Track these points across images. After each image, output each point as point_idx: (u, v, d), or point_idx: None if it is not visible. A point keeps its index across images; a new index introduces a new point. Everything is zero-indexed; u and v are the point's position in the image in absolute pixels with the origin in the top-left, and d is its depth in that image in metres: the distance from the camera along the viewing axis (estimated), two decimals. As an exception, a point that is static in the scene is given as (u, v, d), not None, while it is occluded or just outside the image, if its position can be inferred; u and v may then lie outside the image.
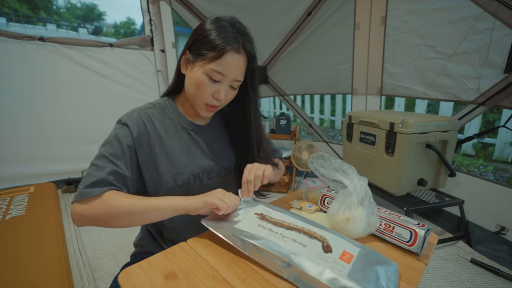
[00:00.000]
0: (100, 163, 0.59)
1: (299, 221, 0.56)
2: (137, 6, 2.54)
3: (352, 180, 0.62)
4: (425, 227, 0.54)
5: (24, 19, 3.68)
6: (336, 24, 2.27)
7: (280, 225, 0.55)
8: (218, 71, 0.62)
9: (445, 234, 1.69)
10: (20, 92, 2.15)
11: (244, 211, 0.62)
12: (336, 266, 0.44)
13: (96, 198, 0.56)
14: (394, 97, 3.15)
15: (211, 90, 0.64)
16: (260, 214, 0.60)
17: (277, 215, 0.59)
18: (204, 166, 0.73)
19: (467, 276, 1.33)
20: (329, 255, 0.46)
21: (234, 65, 0.63)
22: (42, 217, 1.59)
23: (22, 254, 1.20)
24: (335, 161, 0.65)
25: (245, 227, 0.56)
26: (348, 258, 0.46)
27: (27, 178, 2.22)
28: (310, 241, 0.50)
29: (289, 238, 0.51)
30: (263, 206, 0.64)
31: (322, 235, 0.51)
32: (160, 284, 0.47)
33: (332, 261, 0.45)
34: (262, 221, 0.57)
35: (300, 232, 0.53)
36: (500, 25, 1.45)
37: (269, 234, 0.53)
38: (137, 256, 0.78)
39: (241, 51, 0.63)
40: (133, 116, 0.66)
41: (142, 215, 0.58)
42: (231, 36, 0.62)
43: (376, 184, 1.66)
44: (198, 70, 0.63)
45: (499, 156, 2.91)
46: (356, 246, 0.49)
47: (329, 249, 0.47)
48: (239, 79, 0.66)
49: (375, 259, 0.47)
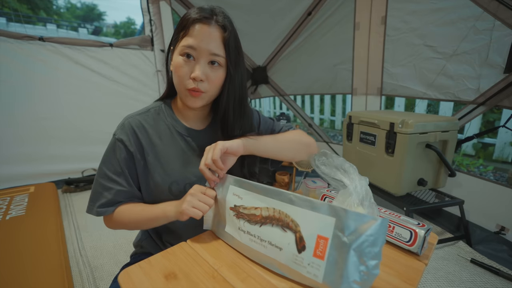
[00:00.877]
0: (105, 182, 0.65)
1: (269, 200, 0.52)
2: (137, 6, 2.54)
3: (352, 180, 0.62)
4: (425, 227, 0.54)
5: (24, 19, 3.68)
6: (336, 24, 2.27)
7: (254, 219, 0.53)
8: (188, 44, 0.58)
9: (445, 234, 1.69)
10: (20, 92, 2.15)
11: (222, 201, 0.59)
12: (311, 270, 0.44)
13: (110, 216, 0.66)
14: (394, 97, 3.15)
15: (187, 70, 0.60)
16: (234, 209, 0.57)
17: (249, 201, 0.55)
18: (200, 174, 0.68)
19: (467, 276, 1.33)
20: (304, 255, 0.45)
21: (205, 35, 0.58)
22: (42, 217, 1.59)
23: (22, 254, 1.20)
24: (337, 158, 0.64)
25: (231, 230, 0.57)
26: (322, 249, 0.43)
27: (27, 178, 2.22)
28: (284, 238, 0.48)
29: (266, 241, 0.51)
30: (233, 189, 0.58)
31: (294, 218, 0.47)
32: (160, 284, 0.47)
33: (307, 263, 0.44)
34: (239, 220, 0.55)
35: (273, 223, 0.50)
36: (500, 25, 1.45)
37: (250, 240, 0.53)
38: (137, 256, 0.78)
39: (212, 23, 0.59)
40: (126, 128, 0.65)
41: (147, 223, 0.65)
42: (201, 10, 0.59)
43: (376, 184, 1.66)
44: (175, 56, 0.62)
45: (499, 156, 2.91)
46: (329, 224, 0.43)
47: (303, 244, 0.45)
48: (215, 52, 0.59)
49: (351, 232, 0.41)
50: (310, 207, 0.45)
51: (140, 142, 0.65)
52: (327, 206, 0.43)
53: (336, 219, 0.42)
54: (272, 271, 0.50)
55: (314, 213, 0.44)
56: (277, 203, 0.50)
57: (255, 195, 0.54)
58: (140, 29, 5.10)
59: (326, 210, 0.43)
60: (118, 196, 0.65)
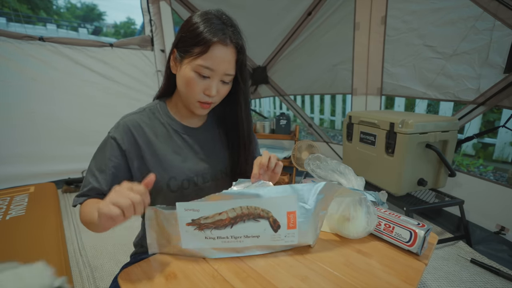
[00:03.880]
0: (88, 176, 0.65)
1: (231, 202, 0.52)
2: (137, 6, 2.54)
3: (349, 180, 0.62)
4: (425, 227, 0.54)
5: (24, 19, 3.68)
6: (336, 24, 2.27)
7: (222, 223, 0.52)
8: (206, 66, 0.59)
9: (445, 234, 1.69)
10: (20, 92, 2.15)
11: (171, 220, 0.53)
12: (288, 239, 0.54)
13: (80, 209, 0.64)
14: (394, 97, 3.15)
15: (201, 87, 0.62)
16: (193, 223, 0.53)
17: (207, 210, 0.52)
18: (198, 170, 0.71)
19: (467, 276, 1.33)
20: (280, 232, 0.53)
21: (222, 58, 0.60)
22: (42, 217, 1.59)
23: (22, 254, 1.20)
24: (331, 162, 0.65)
25: (194, 244, 0.53)
26: (293, 221, 0.53)
27: (27, 178, 2.22)
28: (259, 226, 0.53)
29: (241, 236, 0.53)
30: (183, 205, 0.52)
31: (264, 207, 0.52)
32: (160, 284, 0.47)
33: (284, 236, 0.53)
34: (204, 231, 0.53)
35: (244, 219, 0.52)
36: (500, 25, 1.45)
37: (223, 242, 0.53)
38: (137, 256, 0.78)
39: (228, 43, 0.60)
40: (120, 128, 0.65)
41: (96, 227, 0.59)
42: (217, 28, 0.59)
43: (376, 184, 1.66)
44: (186, 68, 0.61)
45: (499, 156, 2.91)
46: (293, 201, 0.52)
47: (277, 224, 0.53)
48: (229, 73, 0.63)
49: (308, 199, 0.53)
50: (275, 193, 0.52)
51: (136, 140, 0.66)
52: (288, 187, 0.53)
53: (297, 195, 0.52)
54: (270, 271, 0.50)
55: (280, 197, 0.52)
56: (242, 201, 0.52)
57: (212, 203, 0.52)
58: (140, 29, 5.11)
59: (288, 191, 0.52)
60: (91, 191, 0.64)
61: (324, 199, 0.54)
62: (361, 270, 0.50)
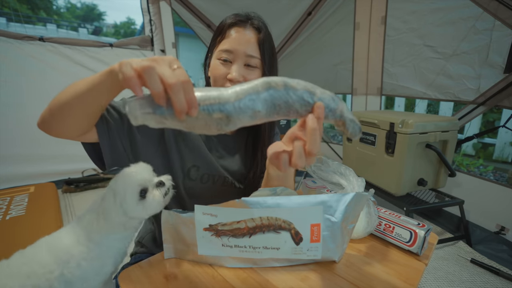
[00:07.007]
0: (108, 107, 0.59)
1: (251, 211, 0.49)
2: (137, 6, 2.54)
3: (350, 182, 0.62)
4: (425, 227, 0.54)
5: (24, 19, 3.68)
6: (336, 24, 2.27)
7: (240, 232, 0.49)
8: (225, 49, 0.60)
9: (445, 234, 1.69)
10: (20, 92, 2.15)
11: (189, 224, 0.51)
12: (311, 253, 0.49)
13: None
14: (394, 97, 3.16)
15: (224, 71, 0.61)
16: (210, 229, 0.50)
17: (225, 216, 0.49)
18: (222, 171, 0.69)
19: (467, 276, 1.33)
20: (302, 245, 0.49)
21: (240, 38, 0.60)
22: (42, 217, 1.58)
23: (22, 254, 1.20)
24: (332, 163, 0.65)
25: (211, 251, 0.51)
26: (317, 234, 0.48)
27: (27, 178, 2.22)
28: (280, 237, 0.48)
29: (260, 247, 0.49)
30: (201, 208, 0.50)
31: (286, 218, 0.47)
32: (160, 284, 0.47)
33: (306, 249, 0.49)
34: (221, 238, 0.50)
35: (264, 230, 0.49)
36: (500, 25, 1.45)
37: (241, 251, 0.50)
38: (137, 256, 0.78)
39: (248, 26, 0.61)
40: None
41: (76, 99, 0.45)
42: (236, 16, 0.62)
43: (376, 184, 1.66)
44: (212, 60, 0.64)
45: (499, 156, 2.91)
46: (318, 212, 0.47)
47: (299, 237, 0.48)
48: (251, 54, 0.61)
49: (335, 211, 0.48)
50: (297, 204, 0.48)
51: None
52: (312, 198, 0.48)
53: (322, 206, 0.48)
54: (270, 271, 0.50)
55: (303, 208, 0.48)
56: (262, 211, 0.48)
57: (230, 210, 0.49)
58: (140, 29, 5.10)
59: (313, 201, 0.48)
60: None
61: (353, 212, 0.50)
62: (361, 270, 0.50)
